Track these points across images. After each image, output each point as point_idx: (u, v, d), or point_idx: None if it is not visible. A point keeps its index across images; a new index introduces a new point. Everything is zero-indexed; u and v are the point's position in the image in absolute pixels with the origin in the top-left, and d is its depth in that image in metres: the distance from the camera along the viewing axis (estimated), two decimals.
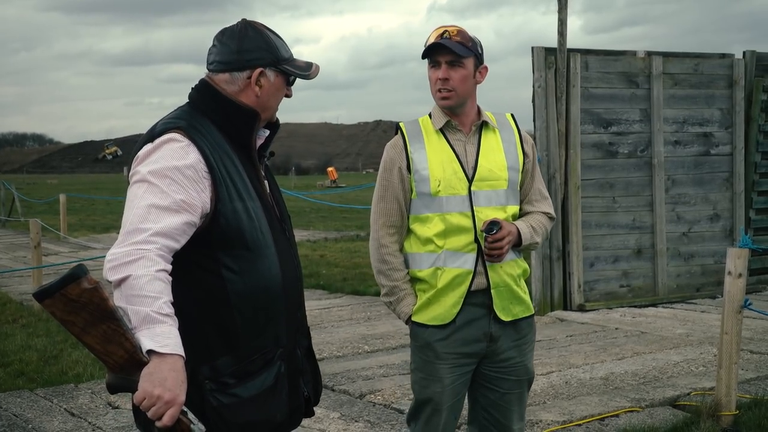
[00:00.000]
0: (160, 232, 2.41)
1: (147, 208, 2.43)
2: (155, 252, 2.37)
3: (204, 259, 2.56)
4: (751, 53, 10.99)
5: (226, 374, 2.57)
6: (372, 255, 3.65)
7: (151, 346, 2.27)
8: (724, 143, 10.83)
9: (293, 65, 2.74)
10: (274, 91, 2.71)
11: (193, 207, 2.49)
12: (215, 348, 2.55)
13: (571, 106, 9.83)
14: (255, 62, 2.67)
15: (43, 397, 6.60)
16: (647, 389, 6.40)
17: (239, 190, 2.60)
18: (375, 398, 6.30)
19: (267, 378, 2.63)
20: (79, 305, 2.23)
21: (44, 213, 26.99)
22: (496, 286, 3.51)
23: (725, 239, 10.80)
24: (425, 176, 3.48)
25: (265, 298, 2.62)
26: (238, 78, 2.68)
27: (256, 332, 2.61)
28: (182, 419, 2.31)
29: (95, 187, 59.20)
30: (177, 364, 2.30)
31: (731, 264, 5.51)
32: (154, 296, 2.31)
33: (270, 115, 2.77)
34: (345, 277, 12.94)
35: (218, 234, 2.55)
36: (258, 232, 2.61)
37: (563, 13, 9.71)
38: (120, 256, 2.35)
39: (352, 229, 21.60)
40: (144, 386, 2.25)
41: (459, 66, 3.44)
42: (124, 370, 2.28)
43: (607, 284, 10.21)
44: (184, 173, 2.49)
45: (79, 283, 2.23)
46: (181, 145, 2.54)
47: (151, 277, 2.32)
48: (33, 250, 10.81)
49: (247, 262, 2.58)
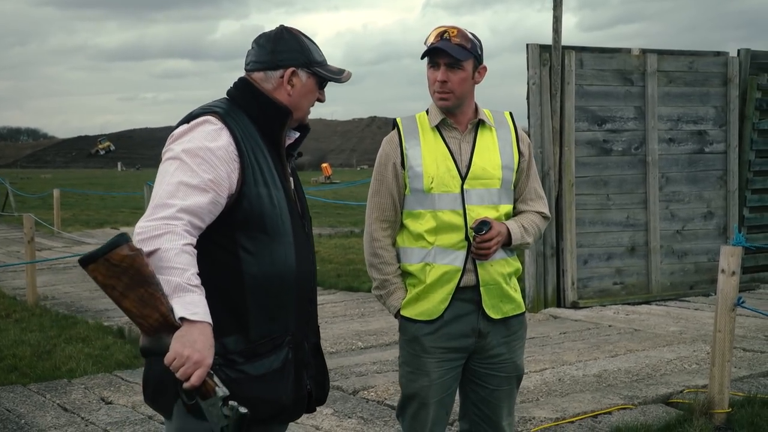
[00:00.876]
0: (187, 209, 2.52)
1: (177, 185, 2.55)
2: (181, 227, 2.49)
3: (223, 239, 2.65)
4: (745, 51, 11.00)
5: (234, 352, 2.64)
6: (365, 248, 3.68)
7: (183, 314, 2.40)
8: (718, 141, 10.85)
9: (326, 69, 2.86)
10: (305, 92, 2.83)
11: (220, 187, 2.59)
12: (225, 326, 2.62)
13: (566, 104, 9.84)
14: (288, 62, 2.80)
15: (36, 392, 6.59)
16: (640, 387, 6.40)
17: (265, 177, 2.71)
18: (368, 394, 6.30)
19: (275, 361, 2.70)
20: (121, 270, 2.36)
21: (38, 208, 26.92)
22: (485, 284, 3.51)
23: (719, 237, 10.82)
24: (419, 173, 3.49)
25: (278, 284, 2.70)
26: (272, 76, 2.80)
27: (266, 316, 2.69)
28: (208, 381, 2.43)
29: (89, 182, 59.09)
30: (206, 329, 2.42)
31: (725, 262, 5.51)
32: (183, 268, 2.43)
33: (301, 116, 2.88)
34: (339, 274, 12.94)
35: (240, 215, 2.65)
36: (278, 218, 2.71)
37: (558, 10, 9.71)
38: (148, 229, 2.47)
39: (346, 226, 21.59)
40: (175, 347, 2.38)
41: (458, 68, 3.45)
42: (157, 333, 2.40)
43: (600, 281, 10.22)
44: (215, 153, 2.60)
45: (122, 249, 2.36)
46: (215, 128, 2.66)
47: (179, 250, 2.45)
48: (26, 244, 10.78)
49: (264, 246, 2.68)
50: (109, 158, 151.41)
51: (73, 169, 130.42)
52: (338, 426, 5.62)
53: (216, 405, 2.43)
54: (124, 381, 6.81)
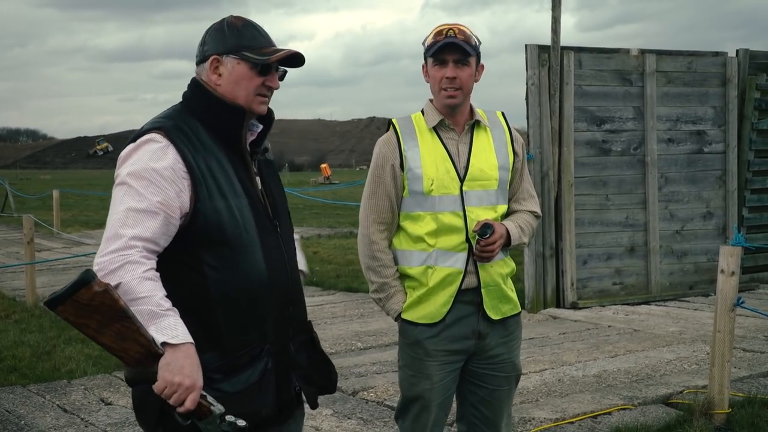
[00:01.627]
0: (139, 236, 2.47)
1: (126, 212, 2.49)
2: (137, 255, 2.45)
3: (186, 257, 2.60)
4: (744, 51, 11.01)
5: (211, 369, 2.58)
6: (361, 251, 3.65)
7: (163, 339, 2.37)
8: (717, 141, 10.85)
9: (254, 51, 2.68)
10: (235, 79, 2.67)
11: (171, 208, 2.53)
12: (200, 344, 2.54)
13: (565, 104, 9.84)
14: (210, 51, 2.70)
15: (36, 393, 6.59)
16: (640, 387, 6.41)
17: (222, 188, 2.61)
18: (368, 395, 6.30)
19: (252, 374, 2.65)
20: (92, 308, 2.29)
21: (37, 208, 26.91)
22: (486, 285, 3.52)
23: (718, 237, 10.83)
24: (418, 175, 3.48)
25: (249, 295, 2.64)
26: (204, 69, 2.71)
27: (240, 329, 2.64)
28: (202, 403, 2.42)
29: (88, 182, 59.08)
30: (190, 350, 2.41)
31: (724, 262, 5.51)
32: (149, 295, 2.40)
33: (243, 105, 2.69)
34: (338, 274, 12.94)
35: (199, 232, 2.58)
36: (241, 229, 2.63)
37: (557, 10, 9.71)
38: (105, 264, 2.43)
39: (345, 226, 21.57)
40: (164, 376, 2.35)
41: (465, 65, 3.45)
42: (141, 364, 2.37)
43: (600, 282, 10.22)
44: (161, 174, 2.53)
45: (90, 287, 2.28)
46: (160, 146, 2.57)
47: (140, 279, 2.41)
48: (26, 245, 10.78)
49: (228, 260, 2.61)
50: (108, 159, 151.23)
51: (73, 169, 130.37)
52: (338, 427, 5.62)
53: (214, 423, 2.43)
54: (123, 382, 6.81)
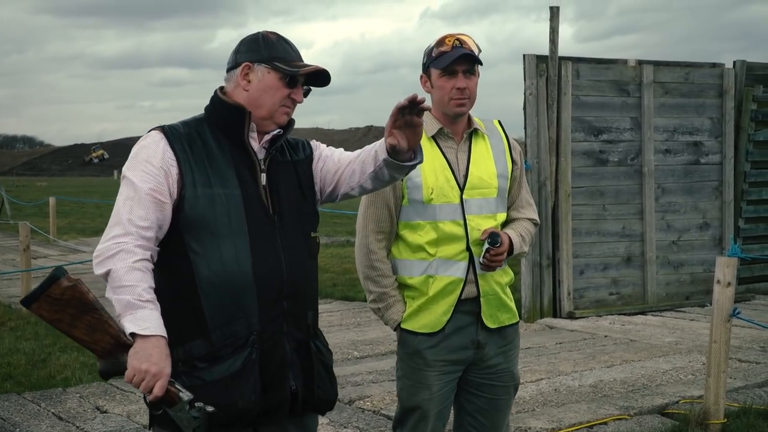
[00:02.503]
0: (135, 223, 2.63)
1: (124, 202, 2.67)
2: (132, 243, 2.60)
3: (175, 245, 2.72)
4: (741, 63, 11.05)
5: (198, 357, 2.70)
6: (359, 260, 3.63)
7: (133, 329, 2.49)
8: (713, 152, 10.87)
9: (286, 62, 2.79)
10: (264, 87, 2.79)
11: (161, 193, 2.68)
12: (187, 331, 2.69)
13: (562, 114, 9.86)
14: (243, 59, 2.81)
15: (31, 401, 6.57)
16: (636, 397, 6.41)
17: (210, 178, 2.73)
18: (364, 404, 6.29)
19: (234, 363, 2.70)
20: (63, 302, 2.45)
21: (34, 216, 26.86)
22: (485, 294, 3.53)
23: (714, 248, 10.84)
24: (418, 183, 3.48)
25: (232, 283, 2.70)
26: (233, 75, 2.83)
27: (226, 317, 2.70)
28: (171, 389, 2.51)
29: (85, 190, 59.01)
30: (159, 342, 2.52)
31: (720, 273, 5.52)
32: (134, 285, 2.53)
33: (267, 114, 2.80)
34: (335, 283, 12.93)
35: (184, 218, 2.70)
36: (224, 217, 2.72)
37: (555, 21, 9.74)
38: (102, 251, 2.60)
39: (342, 235, 21.56)
40: (132, 363, 2.47)
41: (473, 74, 3.47)
42: (112, 355, 2.49)
43: (596, 292, 10.23)
44: (152, 162, 2.70)
45: (60, 282, 2.45)
46: (154, 140, 2.75)
47: (129, 268, 2.55)
48: (22, 252, 10.78)
49: (211, 246, 2.70)
50: (105, 166, 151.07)
51: (69, 177, 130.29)
52: None
53: (183, 410, 2.51)
54: (119, 390, 6.80)
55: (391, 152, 2.79)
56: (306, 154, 3.00)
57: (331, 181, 3.01)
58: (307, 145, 3.04)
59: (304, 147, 3.02)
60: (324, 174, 3.01)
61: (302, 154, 2.99)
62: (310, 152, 3.01)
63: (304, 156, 2.99)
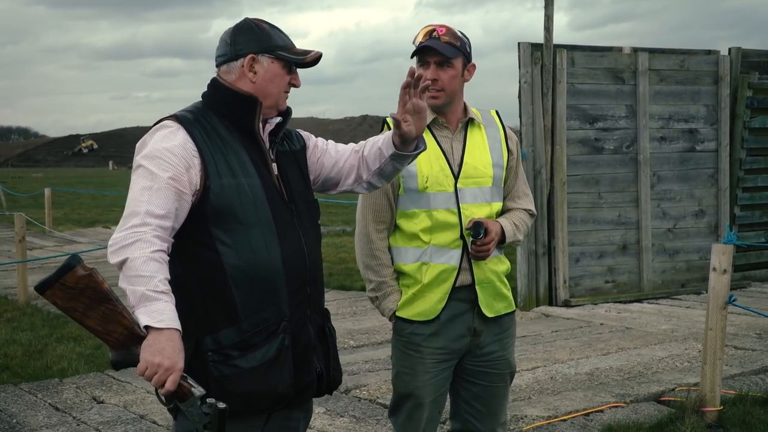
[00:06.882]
0: (153, 212, 2.59)
1: (140, 191, 2.62)
2: (150, 233, 2.55)
3: (200, 235, 2.70)
4: (736, 50, 11.03)
5: (229, 346, 2.70)
6: (359, 250, 3.65)
7: (148, 322, 2.46)
8: (709, 139, 10.87)
9: (288, 51, 2.84)
10: (271, 77, 2.83)
11: (181, 183, 2.65)
12: (217, 320, 2.69)
13: (557, 102, 9.85)
14: (246, 50, 2.81)
15: (28, 392, 6.57)
16: (632, 385, 6.42)
17: (233, 168, 2.74)
18: (360, 393, 6.30)
19: (269, 350, 2.73)
20: (78, 291, 2.43)
21: (29, 207, 26.83)
22: (480, 282, 3.54)
23: (710, 235, 10.85)
24: (413, 172, 3.49)
25: (262, 272, 2.72)
26: (234, 67, 2.83)
27: (256, 305, 2.72)
28: (183, 384, 2.49)
29: (80, 180, 58.90)
30: (173, 335, 2.48)
31: (716, 260, 5.53)
32: (150, 276, 2.49)
33: (273, 103, 2.86)
34: (331, 273, 12.92)
35: (210, 209, 2.69)
36: (251, 206, 2.73)
37: (550, 9, 9.71)
38: (119, 240, 2.55)
39: (338, 224, 21.56)
40: (145, 356, 2.45)
41: (448, 66, 3.46)
42: (124, 346, 2.48)
43: (592, 280, 10.24)
44: (172, 152, 2.67)
45: (75, 271, 2.43)
46: (171, 130, 2.73)
47: (146, 258, 2.51)
48: (17, 244, 10.75)
49: (240, 236, 2.71)
50: (100, 157, 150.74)
51: (64, 168, 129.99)
52: (330, 425, 5.62)
53: (195, 405, 2.49)
54: (116, 380, 6.80)
55: (399, 144, 2.88)
56: (300, 144, 3.05)
57: (328, 174, 3.08)
58: (300, 135, 3.10)
59: (298, 137, 3.08)
60: (320, 166, 3.08)
61: (297, 144, 3.05)
62: (304, 142, 3.07)
63: (300, 146, 3.04)
